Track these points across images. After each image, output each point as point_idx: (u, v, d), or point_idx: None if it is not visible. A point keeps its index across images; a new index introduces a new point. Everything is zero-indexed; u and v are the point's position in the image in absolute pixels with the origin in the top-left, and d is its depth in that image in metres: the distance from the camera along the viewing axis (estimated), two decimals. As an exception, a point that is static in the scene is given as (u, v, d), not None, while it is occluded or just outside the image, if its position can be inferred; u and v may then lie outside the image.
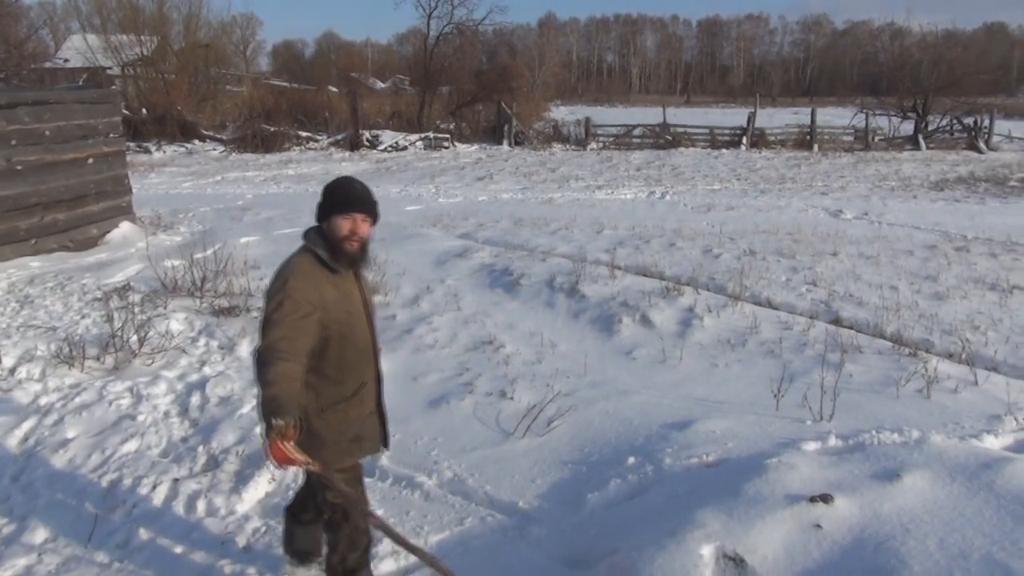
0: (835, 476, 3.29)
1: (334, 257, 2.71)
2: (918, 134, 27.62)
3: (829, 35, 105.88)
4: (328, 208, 2.73)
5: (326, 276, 2.70)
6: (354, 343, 2.78)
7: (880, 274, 8.07)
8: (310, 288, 2.61)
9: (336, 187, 2.78)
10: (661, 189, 16.65)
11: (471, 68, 33.48)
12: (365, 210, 2.75)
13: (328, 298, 2.66)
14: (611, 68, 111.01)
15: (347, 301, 2.76)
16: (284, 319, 2.53)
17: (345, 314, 2.73)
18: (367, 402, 2.89)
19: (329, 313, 2.66)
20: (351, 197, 2.75)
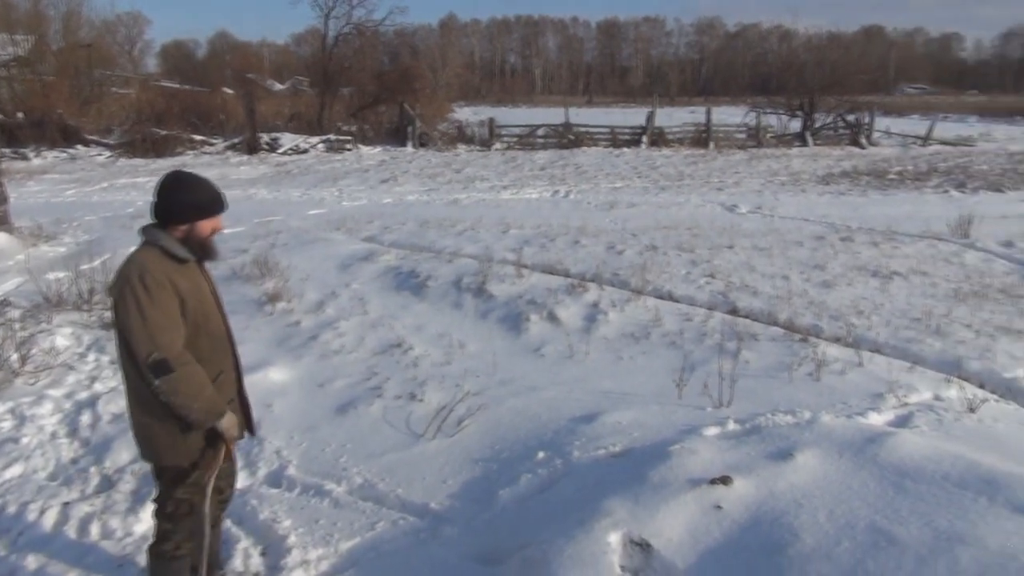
0: (734, 458, 3.43)
1: (198, 251, 2.72)
2: (805, 131, 29.08)
3: (722, 37, 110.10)
4: (190, 214, 2.67)
5: (174, 267, 2.65)
6: (208, 332, 2.74)
7: (773, 265, 8.45)
8: (166, 280, 2.58)
9: (193, 189, 2.70)
10: (565, 188, 16.91)
11: (372, 69, 33.04)
12: (225, 208, 2.78)
13: (182, 288, 2.63)
14: (514, 69, 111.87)
15: (198, 291, 2.73)
16: (160, 317, 2.52)
17: (198, 303, 2.70)
18: (226, 390, 2.84)
19: (186, 303, 2.63)
20: (217, 200, 2.74)
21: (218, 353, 2.81)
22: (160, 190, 2.68)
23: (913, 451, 3.28)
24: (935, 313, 6.55)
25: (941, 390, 4.90)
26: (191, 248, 2.70)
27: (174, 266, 2.65)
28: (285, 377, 5.44)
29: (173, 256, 2.65)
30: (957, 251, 9.25)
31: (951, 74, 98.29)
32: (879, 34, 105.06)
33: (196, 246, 2.71)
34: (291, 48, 78.23)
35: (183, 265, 2.68)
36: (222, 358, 2.83)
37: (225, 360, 2.86)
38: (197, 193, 2.70)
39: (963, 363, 5.41)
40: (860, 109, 30.09)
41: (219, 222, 2.76)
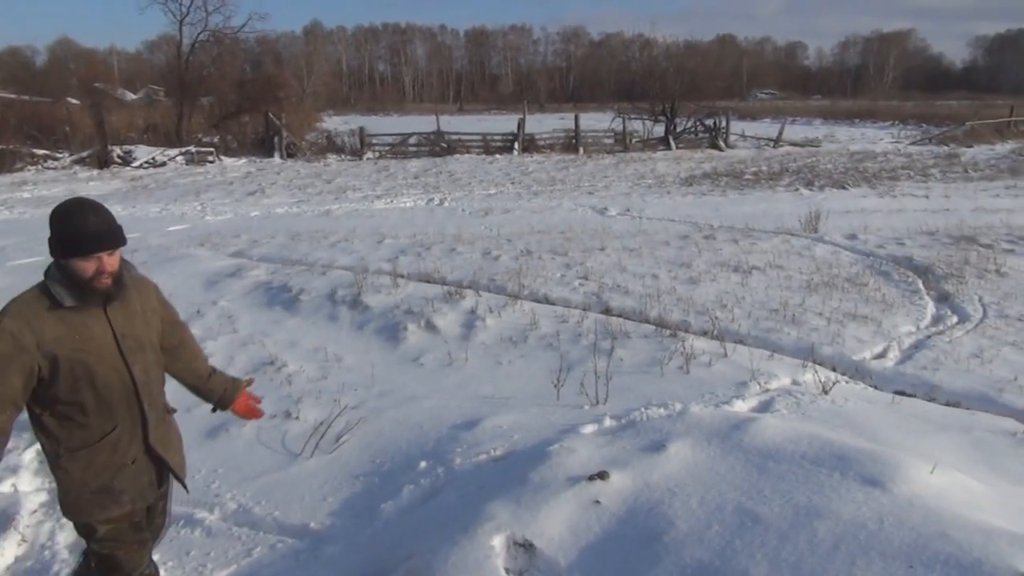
0: (610, 453, 3.52)
1: (79, 295, 2.36)
2: (668, 135, 30.45)
3: (587, 45, 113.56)
4: (62, 250, 2.34)
5: (50, 311, 2.35)
6: (94, 383, 2.42)
7: (642, 264, 8.77)
8: (23, 327, 2.29)
9: (63, 223, 2.33)
10: (439, 196, 16.91)
11: (233, 78, 31.84)
12: (110, 245, 2.37)
13: (46, 337, 2.32)
14: (383, 77, 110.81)
15: (80, 340, 2.39)
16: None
17: (75, 351, 2.37)
18: (122, 449, 2.53)
19: (56, 351, 2.33)
20: (84, 237, 2.31)
21: (110, 408, 2.48)
22: (50, 220, 2.38)
23: (774, 434, 3.48)
24: (791, 304, 7.00)
25: (798, 375, 5.23)
26: (81, 291, 2.35)
27: (51, 310, 2.34)
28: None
29: (52, 299, 2.34)
30: (808, 245, 9.93)
31: (797, 80, 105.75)
32: (732, 43, 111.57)
33: (77, 287, 2.35)
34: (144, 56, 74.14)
35: (72, 311, 2.36)
36: (116, 413, 2.50)
37: (122, 415, 2.52)
38: (68, 229, 2.32)
39: (816, 348, 5.81)
40: (717, 114, 31.85)
41: (103, 262, 2.35)
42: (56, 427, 2.45)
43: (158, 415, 2.65)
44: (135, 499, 2.59)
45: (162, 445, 2.67)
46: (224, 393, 2.95)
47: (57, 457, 2.48)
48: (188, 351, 2.88)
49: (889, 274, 8.38)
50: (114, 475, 2.52)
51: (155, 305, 2.69)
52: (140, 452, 2.60)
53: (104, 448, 2.49)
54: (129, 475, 2.56)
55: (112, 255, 2.39)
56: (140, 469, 2.59)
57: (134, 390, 2.53)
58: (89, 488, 2.50)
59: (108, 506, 2.53)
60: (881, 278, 8.19)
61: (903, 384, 5.23)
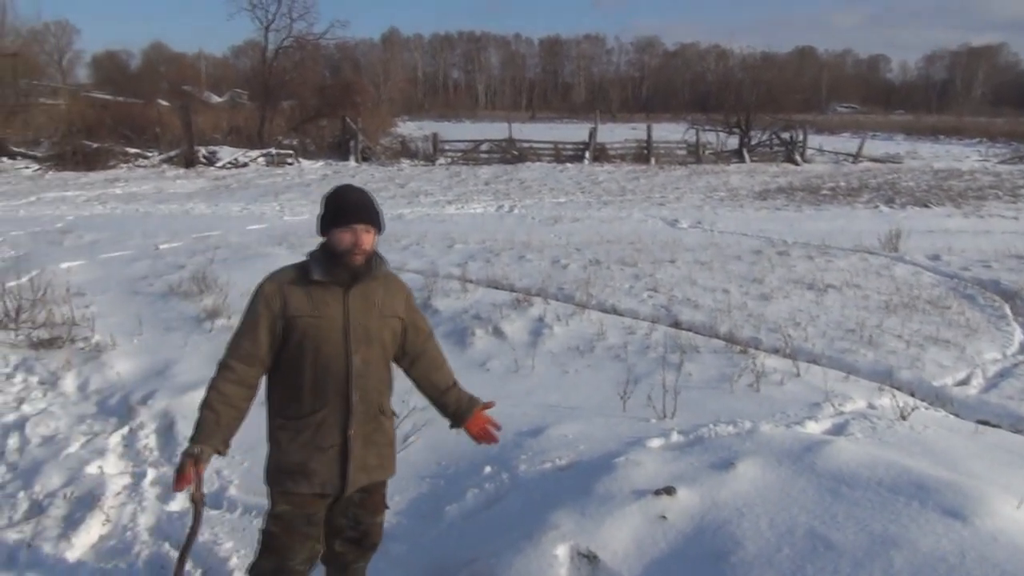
0: (677, 469, 3.49)
1: (329, 269, 2.55)
2: (743, 148, 29.93)
3: (661, 56, 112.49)
4: (327, 221, 2.59)
5: (300, 285, 2.57)
6: (315, 363, 2.56)
7: (713, 278, 8.64)
8: (274, 294, 2.56)
9: (332, 196, 2.62)
10: (509, 203, 17.02)
11: (314, 83, 32.77)
12: (367, 219, 2.57)
13: (294, 305, 2.54)
14: (457, 84, 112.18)
15: (320, 316, 2.55)
16: (242, 327, 2.59)
17: (313, 329, 2.55)
18: (324, 432, 2.58)
19: (293, 322, 2.54)
20: (347, 206, 2.57)
21: (322, 389, 2.56)
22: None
23: (849, 458, 3.38)
24: (868, 324, 6.79)
25: (874, 398, 5.07)
26: (331, 265, 2.56)
27: (302, 284, 2.57)
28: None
29: (304, 273, 2.57)
30: (887, 264, 9.61)
31: (879, 94, 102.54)
32: (811, 55, 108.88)
33: (334, 260, 2.56)
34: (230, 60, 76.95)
35: (318, 286, 2.56)
36: (327, 396, 2.57)
37: (331, 400, 2.58)
38: (336, 200, 2.60)
39: (895, 372, 5.61)
40: (794, 127, 31.16)
41: (362, 236, 2.55)
42: (277, 396, 2.65)
43: (367, 411, 2.66)
44: (324, 484, 2.60)
45: (361, 442, 2.65)
46: (456, 409, 2.98)
47: (272, 424, 2.66)
48: (428, 361, 2.95)
49: (974, 298, 8.04)
50: (311, 455, 2.59)
51: (399, 308, 2.76)
52: (338, 441, 2.61)
53: (309, 426, 2.59)
54: (325, 460, 2.60)
55: (368, 232, 2.57)
56: (334, 458, 2.61)
57: (347, 378, 2.59)
58: (290, 459, 2.60)
59: (299, 481, 2.59)
60: (965, 301, 7.87)
61: (987, 413, 5.01)
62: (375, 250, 2.64)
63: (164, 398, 5.20)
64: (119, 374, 5.72)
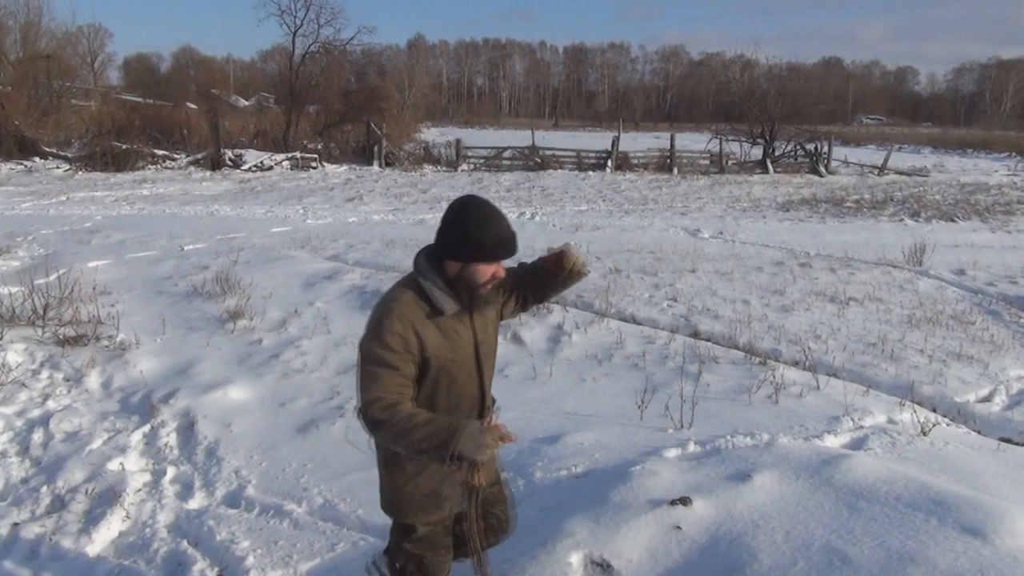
0: (694, 479, 3.47)
1: (461, 298, 2.37)
2: (766, 159, 29.72)
3: (686, 65, 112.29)
4: (468, 253, 2.31)
5: (430, 319, 2.34)
6: (451, 389, 2.43)
7: (734, 289, 8.59)
8: (409, 333, 2.30)
9: (481, 225, 2.31)
10: (531, 210, 17.03)
11: (339, 88, 33.03)
12: (513, 252, 2.36)
13: (428, 345, 2.33)
14: (481, 91, 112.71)
15: (451, 348, 2.40)
16: (378, 373, 2.27)
17: (448, 362, 2.39)
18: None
19: (429, 362, 2.35)
20: (501, 244, 2.32)
21: (457, 413, 2.45)
22: (444, 215, 2.37)
23: (867, 473, 3.35)
24: (890, 338, 6.72)
25: (895, 413, 5.01)
26: (459, 292, 2.36)
27: (429, 313, 2.34)
28: (245, 396, 5.37)
29: (431, 303, 2.34)
30: (911, 278, 9.51)
31: (906, 106, 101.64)
32: (838, 66, 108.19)
33: (465, 291, 2.35)
34: (257, 65, 77.96)
35: (443, 315, 2.36)
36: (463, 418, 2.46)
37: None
38: (483, 230, 2.30)
39: (916, 387, 5.55)
40: (819, 138, 30.89)
41: (500, 269, 2.38)
42: None
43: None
44: (454, 506, 2.56)
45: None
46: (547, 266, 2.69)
47: (396, 456, 2.46)
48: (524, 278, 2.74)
49: (999, 314, 7.93)
50: (442, 480, 2.50)
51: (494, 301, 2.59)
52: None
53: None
54: (455, 481, 2.52)
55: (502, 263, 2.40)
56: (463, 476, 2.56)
57: (480, 397, 2.53)
58: (420, 490, 2.50)
59: (431, 510, 2.53)
60: (990, 317, 7.76)
61: (1010, 431, 4.94)
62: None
63: (185, 397, 5.27)
64: (142, 372, 5.80)
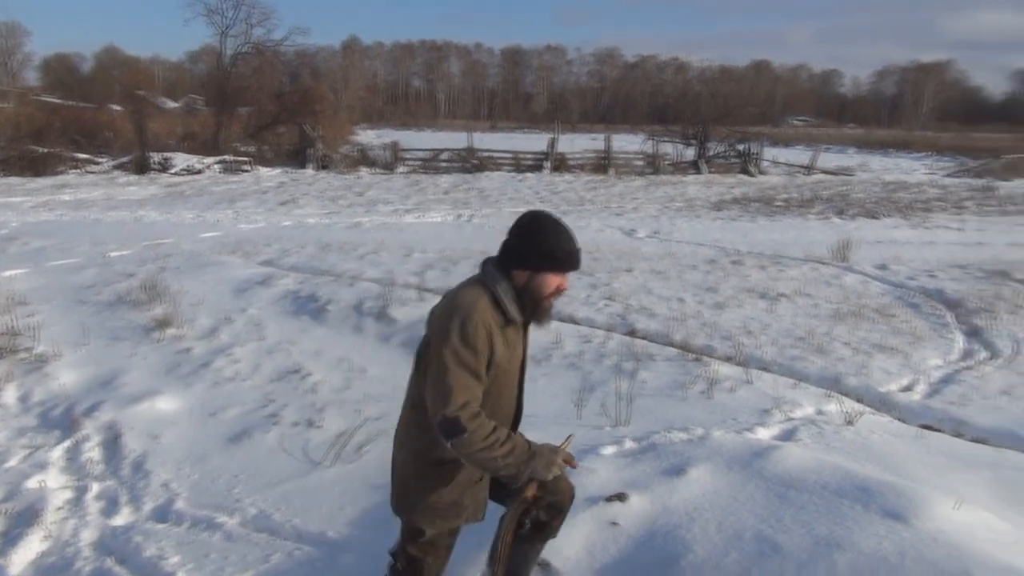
0: (630, 476, 3.52)
1: (525, 309, 2.41)
2: (699, 159, 30.36)
3: (621, 67, 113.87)
4: (538, 262, 2.37)
5: (498, 323, 2.38)
6: (496, 400, 2.44)
7: (669, 287, 8.74)
8: (487, 336, 2.32)
9: (552, 236, 2.39)
10: (469, 212, 17.00)
11: (272, 89, 32.39)
12: (578, 266, 2.45)
13: (498, 351, 2.36)
14: (418, 92, 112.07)
15: (510, 359, 2.44)
16: (465, 376, 2.27)
17: (503, 373, 2.42)
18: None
19: (493, 366, 2.36)
20: (571, 255, 2.40)
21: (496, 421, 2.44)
22: (513, 227, 2.45)
23: (796, 463, 3.45)
24: (817, 332, 6.93)
25: (822, 405, 5.17)
26: (523, 303, 2.41)
27: (499, 322, 2.38)
28: (174, 406, 5.20)
29: (502, 311, 2.38)
30: (837, 274, 9.83)
31: (832, 108, 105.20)
32: (767, 69, 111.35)
33: (529, 301, 2.41)
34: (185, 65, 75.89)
35: (509, 325, 2.42)
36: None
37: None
38: (552, 240, 2.38)
39: (842, 379, 5.74)
40: (750, 139, 31.71)
41: (565, 281, 2.44)
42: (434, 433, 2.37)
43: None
44: (470, 517, 2.58)
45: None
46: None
47: (425, 462, 2.48)
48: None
49: (919, 306, 8.27)
50: (464, 491, 2.52)
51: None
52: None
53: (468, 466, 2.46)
54: (476, 491, 2.56)
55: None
56: (483, 486, 2.59)
57: (516, 412, 2.58)
58: (444, 500, 2.50)
59: (450, 518, 2.54)
60: (911, 310, 8.09)
61: (930, 418, 5.15)
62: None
63: (110, 410, 5.08)
64: (63, 385, 5.56)
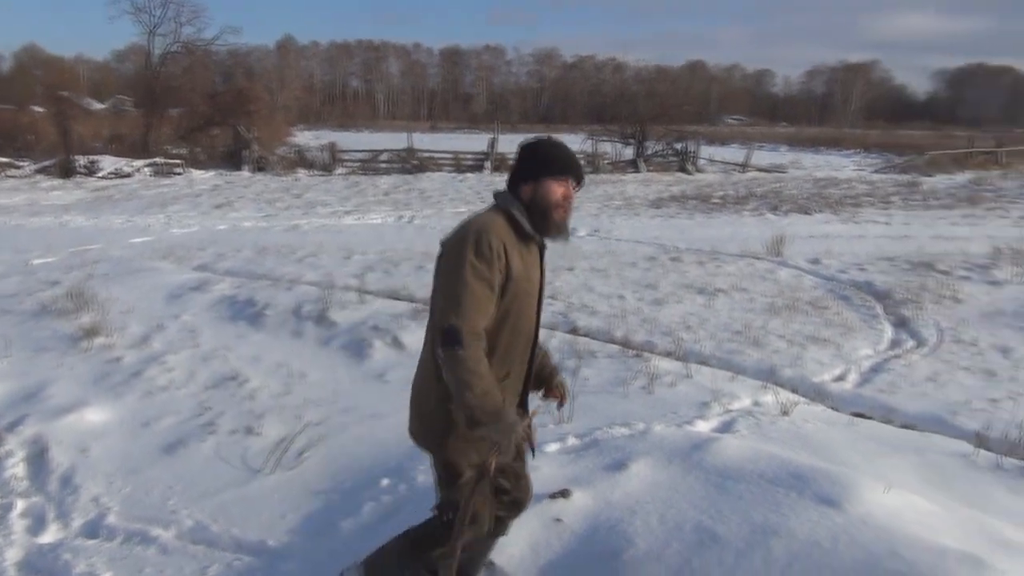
0: (573, 472, 3.54)
1: (536, 224, 2.43)
2: (638, 158, 30.80)
3: (560, 67, 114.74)
4: (538, 169, 2.44)
5: (515, 241, 2.39)
6: (513, 327, 2.43)
7: (609, 285, 8.84)
8: (502, 250, 2.31)
9: (548, 147, 2.50)
10: (410, 213, 16.90)
11: (204, 90, 31.59)
12: (579, 174, 2.52)
13: (514, 267, 2.35)
14: (356, 93, 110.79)
15: (527, 279, 2.43)
16: (476, 288, 2.25)
17: (521, 292, 2.40)
18: (507, 397, 2.45)
19: (508, 286, 2.35)
20: (569, 160, 2.49)
21: (513, 353, 2.48)
22: (518, 151, 2.54)
23: (734, 454, 3.52)
24: (754, 326, 7.10)
25: (759, 396, 5.30)
26: (534, 218, 2.42)
27: (516, 240, 2.40)
28: (104, 418, 5.02)
29: (517, 228, 2.41)
30: (772, 268, 10.09)
31: (765, 107, 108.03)
32: (702, 69, 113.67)
33: (539, 215, 2.42)
34: (112, 65, 73.38)
35: (525, 244, 2.43)
36: (515, 360, 2.51)
37: (518, 364, 2.53)
38: (548, 149, 2.48)
39: (778, 370, 5.89)
40: (687, 138, 32.32)
41: (570, 190, 2.48)
42: None
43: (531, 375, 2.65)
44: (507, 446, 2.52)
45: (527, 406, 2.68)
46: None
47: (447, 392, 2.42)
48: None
49: (850, 298, 8.55)
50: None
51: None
52: (515, 405, 2.55)
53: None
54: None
55: (575, 188, 2.51)
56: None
57: (533, 340, 2.56)
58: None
59: (484, 452, 2.43)
60: (842, 302, 8.36)
61: (861, 406, 5.33)
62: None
63: (35, 423, 4.86)
64: (-15, 399, 5.31)
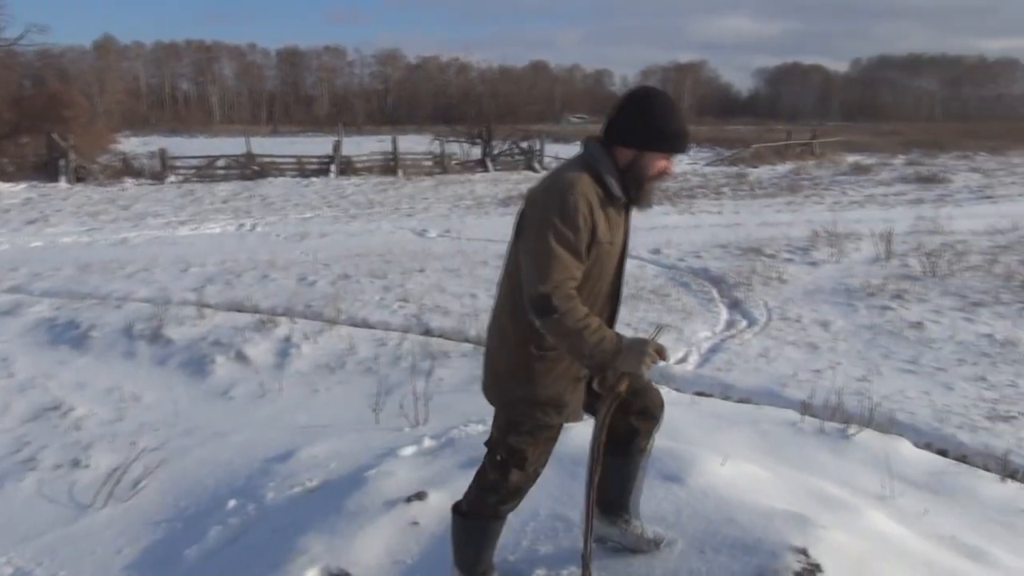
0: (429, 473, 3.51)
1: (628, 191, 2.29)
2: (486, 158, 31.11)
3: (404, 68, 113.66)
4: (647, 139, 2.23)
5: (601, 202, 2.24)
6: (595, 285, 2.31)
7: (462, 285, 8.87)
8: (588, 213, 2.18)
9: (663, 114, 2.23)
10: (251, 220, 16.18)
11: (9, 95, 28.71)
12: (687, 149, 2.35)
13: (599, 229, 2.23)
14: (188, 96, 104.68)
15: (611, 241, 2.30)
16: (563, 254, 2.14)
17: (604, 255, 2.29)
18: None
19: (593, 248, 2.23)
20: (681, 136, 2.26)
21: (595, 311, 2.30)
22: (623, 101, 2.29)
23: (584, 441, 3.60)
24: (600, 315, 7.35)
25: (608, 383, 5.48)
26: (626, 183, 2.27)
27: (601, 200, 2.25)
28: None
29: (605, 189, 2.26)
30: (615, 260, 10.50)
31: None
32: (544, 69, 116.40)
33: (632, 183, 2.28)
34: (-103, 69, 65.24)
35: (612, 204, 2.29)
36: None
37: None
38: (664, 119, 2.23)
39: (624, 357, 6.13)
40: (532, 137, 33.03)
41: (671, 165, 2.31)
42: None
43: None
44: (570, 416, 2.44)
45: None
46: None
47: (523, 353, 2.33)
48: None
49: (688, 285, 9.05)
50: (567, 387, 2.38)
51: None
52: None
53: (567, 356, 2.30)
54: (578, 390, 2.43)
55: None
56: (582, 389, 2.45)
57: (615, 298, 2.46)
58: (546, 392, 2.35)
59: (551, 414, 2.39)
60: (682, 289, 8.83)
61: (702, 385, 5.65)
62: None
63: None
64: None
